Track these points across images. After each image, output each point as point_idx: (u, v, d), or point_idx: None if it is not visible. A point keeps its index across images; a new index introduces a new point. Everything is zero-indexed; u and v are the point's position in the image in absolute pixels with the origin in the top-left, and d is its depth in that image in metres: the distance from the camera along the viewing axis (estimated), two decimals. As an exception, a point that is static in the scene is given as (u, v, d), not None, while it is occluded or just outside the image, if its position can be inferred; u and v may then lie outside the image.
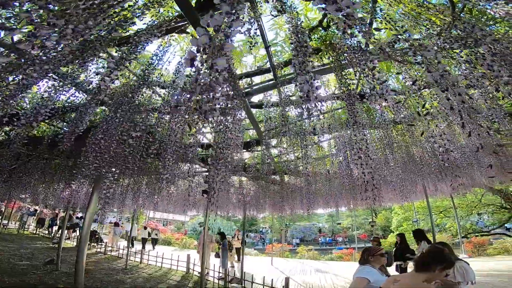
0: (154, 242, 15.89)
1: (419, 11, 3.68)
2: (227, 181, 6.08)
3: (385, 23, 3.81)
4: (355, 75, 3.21)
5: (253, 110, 4.35)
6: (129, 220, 14.42)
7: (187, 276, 9.92)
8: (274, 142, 4.82)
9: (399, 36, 3.72)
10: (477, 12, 3.60)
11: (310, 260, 16.44)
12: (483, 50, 1.66)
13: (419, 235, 6.14)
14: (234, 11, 0.89)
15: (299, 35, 1.74)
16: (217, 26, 0.80)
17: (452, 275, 2.86)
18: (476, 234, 15.62)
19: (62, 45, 1.44)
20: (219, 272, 9.08)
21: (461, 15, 3.66)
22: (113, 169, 2.49)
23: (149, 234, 15.71)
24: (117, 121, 2.41)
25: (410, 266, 5.79)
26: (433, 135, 2.84)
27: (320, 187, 6.80)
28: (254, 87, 3.63)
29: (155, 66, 2.56)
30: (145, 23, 2.68)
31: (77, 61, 2.19)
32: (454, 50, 4.12)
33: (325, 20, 3.20)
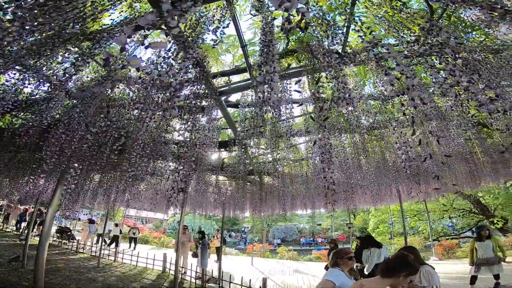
0: (134, 241, 15.10)
1: (399, 17, 3.77)
2: (203, 179, 6.04)
3: (364, 28, 3.89)
4: (326, 79, 3.25)
5: (232, 110, 4.31)
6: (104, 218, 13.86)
7: (163, 276, 9.74)
8: (252, 142, 4.80)
9: (376, 42, 3.79)
10: (455, 19, 3.73)
11: (290, 260, 16.59)
12: (450, 56, 1.69)
13: (368, 241, 6.36)
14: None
15: (267, 37, 1.73)
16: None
17: (418, 279, 2.92)
18: (447, 237, 16.35)
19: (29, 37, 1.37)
20: (196, 272, 8.99)
21: (440, 21, 3.79)
22: (76, 164, 2.38)
23: (121, 232, 14.84)
24: (79, 115, 2.30)
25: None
26: (399, 142, 2.91)
27: (297, 188, 6.87)
28: (231, 86, 3.60)
29: (123, 60, 2.46)
30: (119, 17, 2.60)
31: (44, 53, 2.09)
32: (430, 57, 4.27)
33: (303, 21, 3.21)
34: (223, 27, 2.16)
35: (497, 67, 3.43)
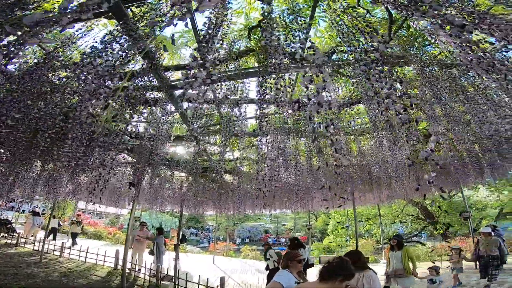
0: (73, 236, 13.10)
1: (362, 25, 3.95)
2: (159, 174, 5.87)
3: (325, 34, 4.03)
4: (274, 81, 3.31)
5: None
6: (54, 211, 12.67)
7: (115, 272, 9.28)
8: (210, 139, 4.77)
9: (337, 48, 3.91)
10: (413, 31, 3.95)
11: (253, 260, 16.70)
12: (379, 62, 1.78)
13: (295, 243, 6.57)
14: None
15: (210, 36, 1.72)
16: None
17: (360, 283, 3.05)
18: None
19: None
20: (150, 269, 8.72)
21: (401, 31, 4.00)
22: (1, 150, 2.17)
23: (60, 224, 13.61)
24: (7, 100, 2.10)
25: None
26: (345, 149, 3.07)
27: (257, 188, 6.93)
28: (185, 81, 3.52)
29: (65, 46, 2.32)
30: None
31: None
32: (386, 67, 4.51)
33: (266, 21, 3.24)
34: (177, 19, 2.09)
35: (443, 80, 3.74)
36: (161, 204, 9.50)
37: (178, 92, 3.83)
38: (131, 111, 2.92)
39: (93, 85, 1.82)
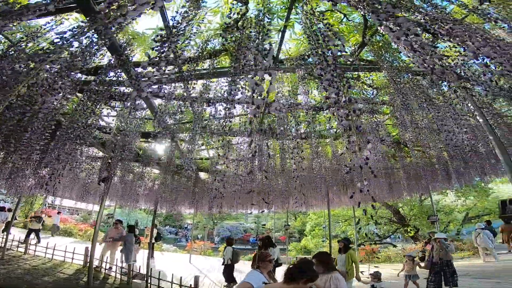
0: (35, 233, 12.10)
1: (340, 29, 4.05)
2: (131, 170, 5.74)
3: (300, 36, 4.09)
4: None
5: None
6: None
7: (84, 270, 8.94)
8: (186, 137, 4.72)
9: (313, 51, 3.98)
10: (387, 36, 4.07)
11: (232, 259, 16.61)
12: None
13: (266, 242, 6.90)
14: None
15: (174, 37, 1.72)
16: None
17: (328, 284, 3.13)
18: (371, 242, 18.19)
19: None
20: (122, 267, 8.51)
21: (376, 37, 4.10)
22: None
23: (15, 218, 12.44)
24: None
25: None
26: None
27: (236, 188, 6.93)
28: (156, 77, 3.47)
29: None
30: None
31: None
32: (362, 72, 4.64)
33: (241, 21, 3.27)
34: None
35: (412, 88, 3.90)
36: (136, 201, 9.26)
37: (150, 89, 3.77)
38: (95, 105, 2.84)
39: (55, 78, 1.76)
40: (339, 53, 1.31)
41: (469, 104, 4.20)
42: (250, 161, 4.70)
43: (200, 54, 3.08)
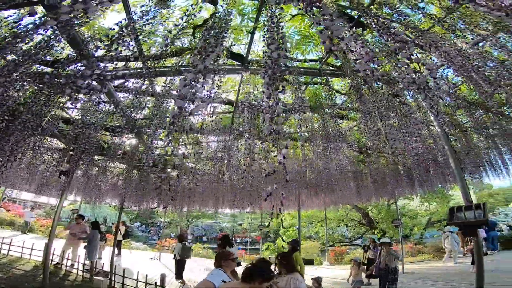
0: None
1: (311, 34, 4.15)
2: (98, 164, 5.51)
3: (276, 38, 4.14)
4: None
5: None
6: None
7: (43, 267, 8.48)
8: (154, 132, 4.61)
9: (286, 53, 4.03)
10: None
11: (204, 258, 16.42)
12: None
13: (224, 241, 6.94)
14: None
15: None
16: None
17: (288, 285, 3.16)
18: (341, 244, 18.81)
19: None
20: (84, 264, 8.17)
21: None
22: None
23: None
24: None
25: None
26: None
27: (208, 186, 6.91)
28: (120, 72, 3.41)
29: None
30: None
31: None
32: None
33: (211, 20, 3.26)
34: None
35: (374, 96, 4.07)
36: (102, 197, 8.90)
37: (117, 82, 3.68)
38: (54, 96, 2.72)
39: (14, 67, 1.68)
40: (277, 57, 1.35)
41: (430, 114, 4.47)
42: (220, 160, 4.70)
43: (163, 51, 3.04)
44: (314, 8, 1.47)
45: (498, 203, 25.30)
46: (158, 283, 6.76)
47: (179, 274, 8.48)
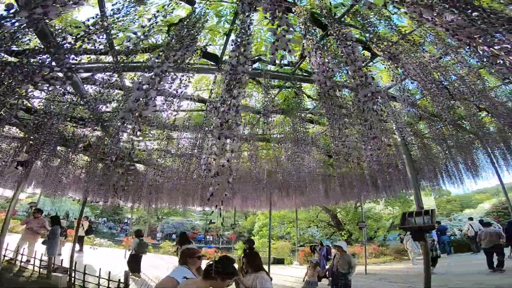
0: None
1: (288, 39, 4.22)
2: (60, 156, 5.21)
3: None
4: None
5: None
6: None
7: (-8, 263, 7.86)
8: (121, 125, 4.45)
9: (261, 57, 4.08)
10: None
11: (173, 256, 16.07)
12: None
13: (183, 239, 7.14)
14: None
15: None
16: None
17: (254, 283, 3.18)
18: (310, 244, 19.31)
19: None
20: (40, 260, 7.69)
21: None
22: None
23: None
24: None
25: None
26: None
27: (177, 183, 6.80)
28: (88, 65, 3.31)
29: None
30: None
31: None
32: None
33: (187, 20, 3.24)
34: None
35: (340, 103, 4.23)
36: (64, 190, 8.42)
37: (86, 75, 3.54)
38: (8, 88, 2.56)
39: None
40: (236, 63, 1.39)
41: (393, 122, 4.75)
42: (189, 157, 4.65)
43: (135, 47, 2.98)
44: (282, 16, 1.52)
45: (455, 209, 27.50)
46: (121, 280, 6.54)
47: (133, 269, 8.46)
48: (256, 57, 4.09)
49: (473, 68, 3.79)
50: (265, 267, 8.11)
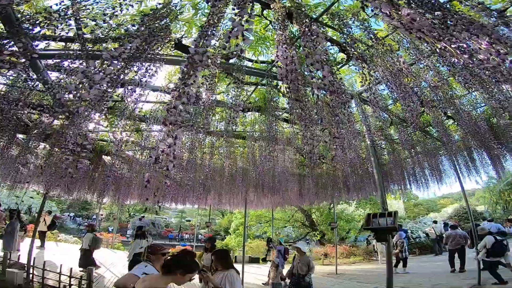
0: None
1: (266, 36, 4.21)
2: (19, 143, 4.83)
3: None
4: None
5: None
6: None
7: None
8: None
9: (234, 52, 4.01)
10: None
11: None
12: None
13: (137, 233, 7.67)
14: None
15: None
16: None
17: (223, 281, 3.13)
18: (286, 244, 19.51)
19: None
20: (-5, 256, 7.16)
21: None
22: None
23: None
24: None
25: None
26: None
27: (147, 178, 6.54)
28: (53, 51, 3.12)
29: None
30: None
31: None
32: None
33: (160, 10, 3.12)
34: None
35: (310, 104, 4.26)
36: (24, 183, 7.82)
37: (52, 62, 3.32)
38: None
39: None
40: (193, 50, 1.33)
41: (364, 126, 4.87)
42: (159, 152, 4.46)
43: (104, 36, 2.83)
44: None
45: (421, 212, 29.13)
46: (83, 277, 6.23)
47: (84, 263, 8.33)
48: (234, 52, 4.01)
49: (443, 76, 3.95)
50: (240, 265, 8.15)
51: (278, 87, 4.52)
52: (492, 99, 3.85)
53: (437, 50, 1.19)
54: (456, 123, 6.04)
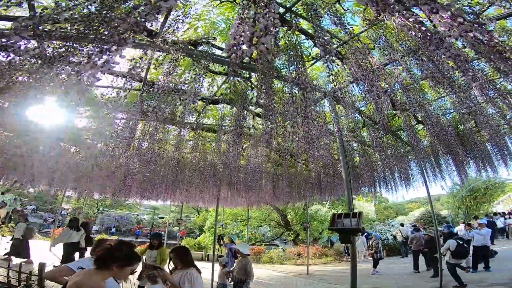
0: None
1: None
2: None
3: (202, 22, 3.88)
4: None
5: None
6: None
7: None
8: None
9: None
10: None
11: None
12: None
13: (71, 223, 7.64)
14: None
15: None
16: None
17: (182, 280, 2.98)
18: (261, 243, 19.47)
19: None
20: None
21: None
22: None
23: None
24: None
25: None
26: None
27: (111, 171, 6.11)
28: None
29: None
30: None
31: None
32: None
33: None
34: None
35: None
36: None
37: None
38: None
39: None
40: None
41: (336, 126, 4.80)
42: (122, 142, 4.14)
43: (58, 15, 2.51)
44: None
45: (391, 215, 30.35)
46: (34, 272, 5.73)
47: (15, 252, 8.30)
48: (204, 39, 3.80)
49: (415, 78, 3.96)
50: (209, 264, 7.85)
51: (251, 79, 4.36)
52: (461, 103, 3.91)
53: (396, 25, 1.07)
54: (425, 128, 6.17)
